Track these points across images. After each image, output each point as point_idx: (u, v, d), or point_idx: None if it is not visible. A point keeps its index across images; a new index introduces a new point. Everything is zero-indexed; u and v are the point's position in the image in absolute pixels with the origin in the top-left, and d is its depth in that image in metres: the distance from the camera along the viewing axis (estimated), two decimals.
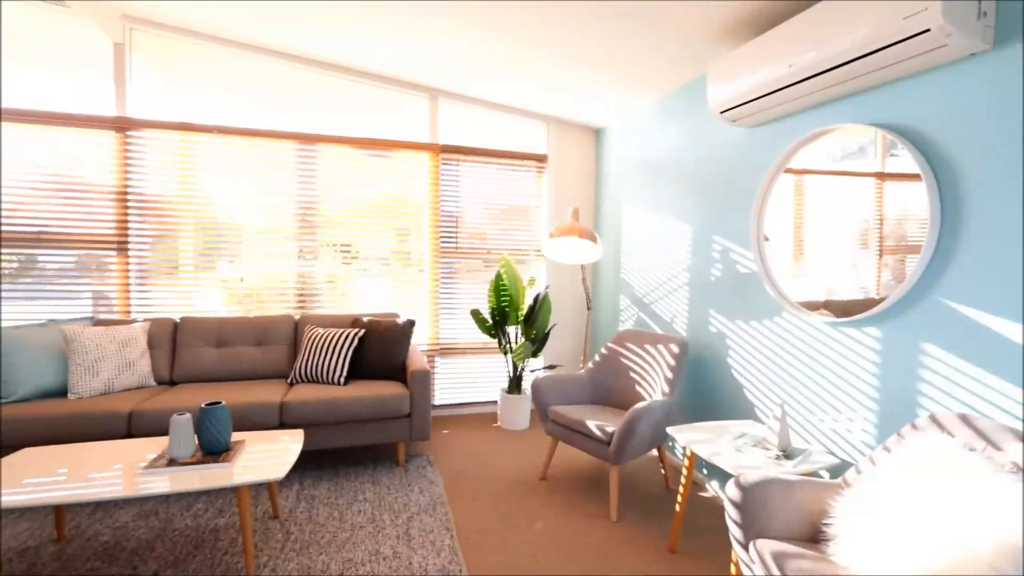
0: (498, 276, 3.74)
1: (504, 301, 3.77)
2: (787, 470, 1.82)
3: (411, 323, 3.30)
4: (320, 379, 3.08)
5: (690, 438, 2.16)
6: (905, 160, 1.82)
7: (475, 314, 3.78)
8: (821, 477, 2.01)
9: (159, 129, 3.38)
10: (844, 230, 2.05)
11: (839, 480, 1.65)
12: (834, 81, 1.93)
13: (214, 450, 2.06)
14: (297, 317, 3.51)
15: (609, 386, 3.04)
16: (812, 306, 2.19)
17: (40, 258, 3.31)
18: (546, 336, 3.82)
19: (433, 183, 3.94)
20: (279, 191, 3.65)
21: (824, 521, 1.54)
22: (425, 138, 3.94)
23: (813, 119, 2.22)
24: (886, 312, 1.91)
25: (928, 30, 1.55)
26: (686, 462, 2.18)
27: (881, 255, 1.91)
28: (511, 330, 4.24)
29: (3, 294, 3.22)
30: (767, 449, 2.00)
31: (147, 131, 3.37)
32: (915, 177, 1.78)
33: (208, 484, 1.83)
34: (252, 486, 2.70)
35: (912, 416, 1.82)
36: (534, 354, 3.82)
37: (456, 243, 4.05)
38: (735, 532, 1.56)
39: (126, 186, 3.36)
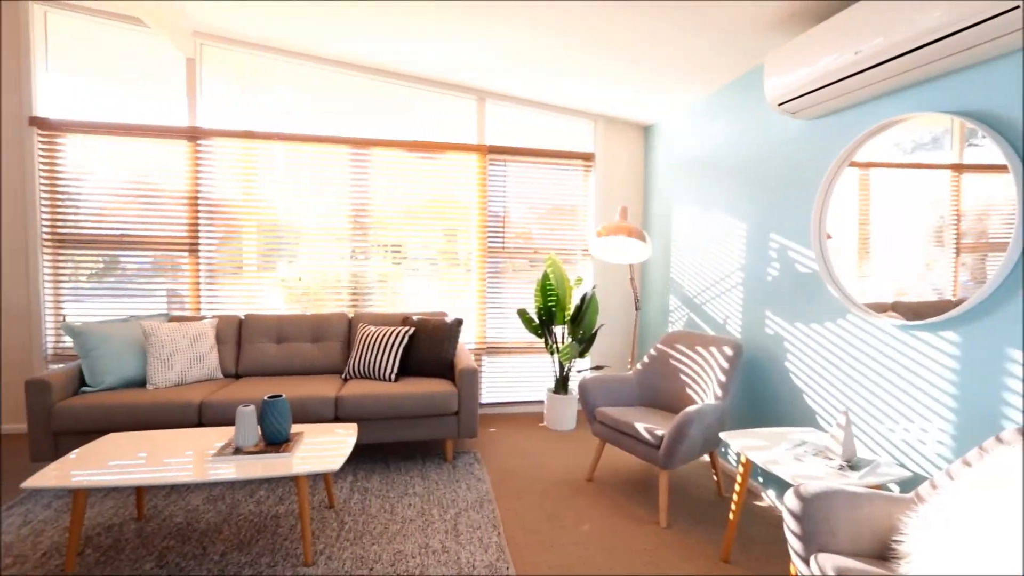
0: (545, 276, 3.74)
1: (551, 301, 3.76)
2: (852, 482, 1.72)
3: (459, 322, 3.35)
4: (372, 375, 3.18)
5: (745, 444, 2.08)
6: (987, 150, 1.67)
7: (522, 314, 3.79)
8: (890, 491, 1.89)
9: (225, 137, 3.60)
10: (915, 227, 1.91)
11: (911, 495, 1.54)
12: (905, 68, 1.81)
13: (275, 440, 2.17)
14: (351, 315, 3.64)
15: (658, 388, 2.98)
16: (879, 308, 2.06)
17: (122, 259, 3.60)
18: (593, 336, 3.79)
19: (480, 183, 3.98)
20: (334, 194, 3.80)
21: (894, 538, 1.44)
22: (473, 139, 3.99)
23: (881, 109, 2.08)
24: (966, 315, 1.77)
25: (1017, 7, 1.42)
26: (740, 469, 2.11)
27: (958, 253, 1.77)
28: (558, 330, 4.23)
29: (90, 292, 3.53)
30: (829, 459, 1.90)
31: (215, 139, 3.60)
32: (1000, 168, 1.64)
33: (270, 473, 1.94)
34: (310, 476, 2.83)
35: (995, 429, 1.68)
36: (581, 354, 3.79)
37: (503, 243, 4.08)
38: (794, 544, 1.49)
39: (197, 191, 3.60)
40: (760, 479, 2.76)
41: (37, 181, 3.41)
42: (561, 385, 3.81)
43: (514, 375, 4.18)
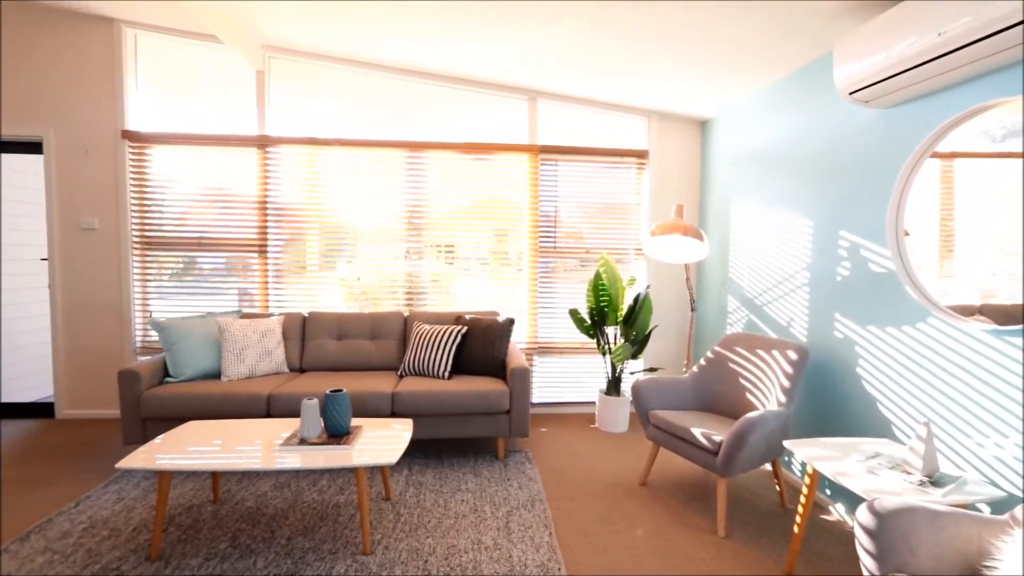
0: (597, 275, 3.70)
1: (603, 301, 3.72)
2: (934, 499, 1.59)
3: (511, 321, 3.38)
4: (426, 373, 3.26)
5: (811, 454, 1.97)
6: None
7: (573, 314, 3.77)
8: (979, 511, 1.73)
9: (290, 144, 3.80)
10: (1006, 221, 1.74)
11: (1005, 516, 1.41)
12: (996, 48, 1.65)
13: (337, 433, 2.27)
14: (406, 314, 3.75)
15: (716, 392, 2.88)
16: (965, 311, 1.89)
17: (199, 260, 3.88)
18: (647, 337, 3.71)
19: (532, 183, 3.99)
20: (390, 196, 3.93)
21: (985, 563, 1.32)
22: (524, 140, 4.00)
23: (967, 94, 1.91)
24: None
25: None
26: (807, 480, 2.00)
27: None
28: (610, 331, 4.17)
29: (172, 290, 3.84)
30: (908, 473, 1.77)
31: (281, 147, 3.81)
32: None
33: (332, 463, 2.03)
34: (368, 468, 2.94)
35: None
36: (634, 356, 3.72)
37: (554, 242, 4.07)
38: (867, 563, 1.39)
39: (266, 196, 3.82)
40: (828, 491, 2.60)
41: (128, 189, 3.74)
42: (613, 386, 3.76)
43: (565, 375, 4.16)
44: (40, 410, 3.89)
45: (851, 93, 2.20)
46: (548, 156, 4.01)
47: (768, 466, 3.11)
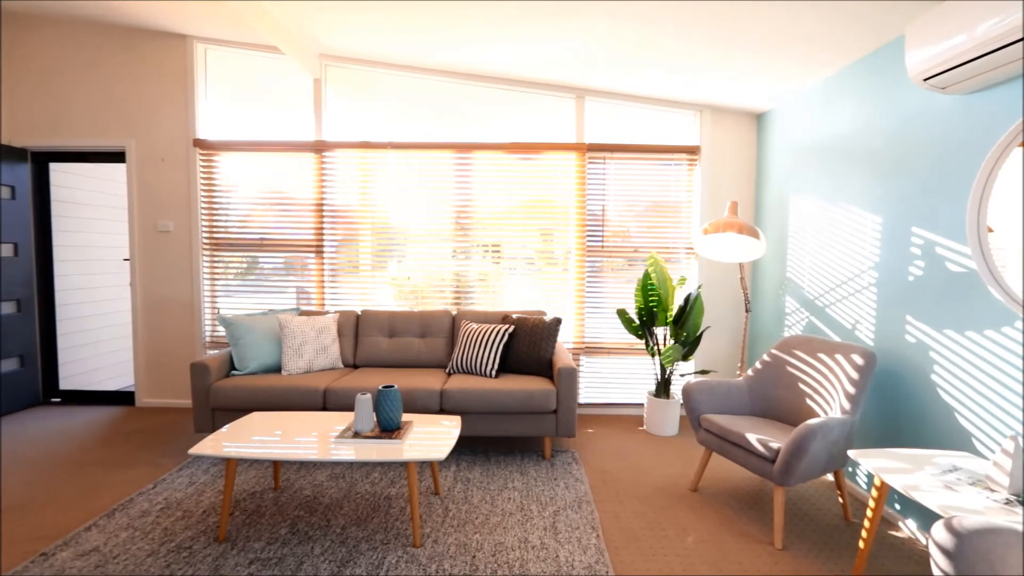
0: (646, 275, 3.62)
1: (652, 301, 3.64)
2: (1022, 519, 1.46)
3: (557, 321, 3.37)
4: (474, 371, 3.31)
5: (880, 465, 1.85)
6: None
7: (621, 314, 3.71)
8: None
9: (345, 148, 3.95)
10: None
11: None
12: None
13: (388, 427, 2.34)
14: (454, 312, 3.81)
15: (772, 397, 2.76)
16: None
17: (260, 260, 4.10)
18: (698, 339, 3.60)
19: (579, 182, 3.96)
20: (438, 197, 4.00)
21: None
22: (571, 138, 3.98)
23: None
24: None
25: None
26: (874, 493, 1.88)
27: None
28: (659, 331, 4.07)
29: (236, 288, 4.08)
30: (991, 490, 1.63)
31: (336, 151, 3.96)
32: None
33: (384, 457, 2.10)
34: (418, 463, 3.01)
35: None
36: (684, 357, 3.62)
37: (602, 241, 4.02)
38: None
39: (322, 199, 3.99)
40: (897, 506, 2.44)
41: (199, 194, 4.00)
42: (662, 389, 3.67)
43: (613, 376, 4.11)
44: (122, 398, 4.24)
45: (926, 79, 2.06)
46: (596, 154, 3.96)
47: (830, 477, 2.95)
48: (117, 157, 4.07)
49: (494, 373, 3.26)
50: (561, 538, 2.25)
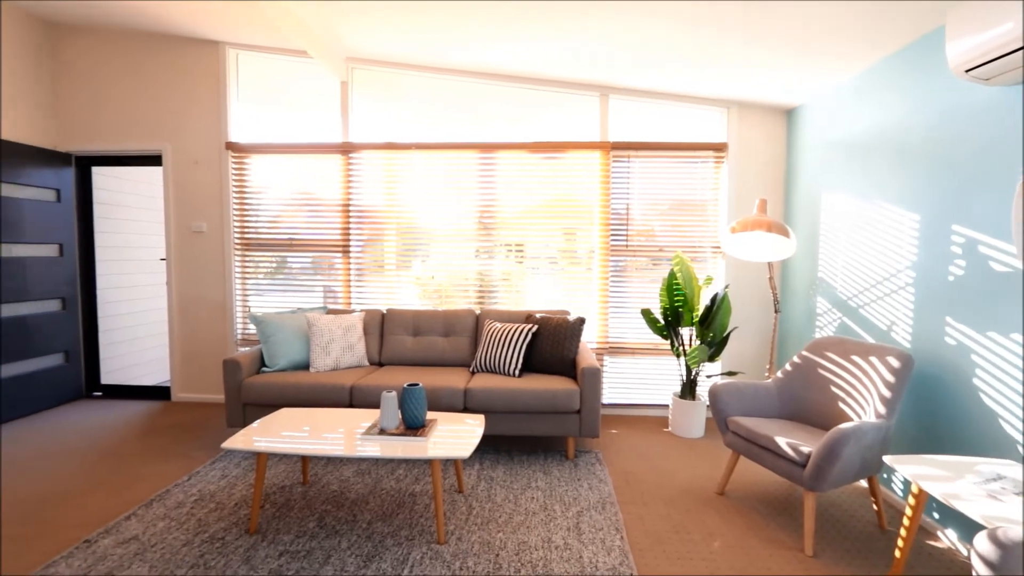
0: (671, 275, 3.57)
1: (677, 301, 3.59)
2: None
3: (581, 320, 3.35)
4: (497, 370, 3.32)
5: (918, 472, 1.79)
6: None
7: (646, 314, 3.67)
8: None
9: (371, 150, 4.01)
10: None
11: None
12: None
13: (413, 425, 2.37)
14: (478, 312, 3.83)
15: (802, 400, 2.69)
16: None
17: (289, 260, 4.20)
18: (725, 340, 3.53)
19: (603, 181, 3.93)
20: (462, 197, 4.03)
21: None
22: (595, 137, 3.95)
23: None
24: None
25: None
26: (911, 501, 1.82)
27: None
28: (684, 332, 4.01)
29: (266, 288, 4.19)
30: None
31: (362, 152, 4.03)
32: None
33: (409, 454, 2.12)
34: (443, 460, 3.04)
35: None
36: (711, 358, 3.56)
37: (626, 241, 3.99)
38: None
39: (349, 199, 4.06)
40: (936, 515, 2.35)
41: (230, 195, 4.12)
42: (688, 390, 3.62)
43: (637, 376, 4.06)
44: (159, 393, 4.39)
45: (968, 71, 1.97)
46: (620, 152, 3.93)
47: (863, 483, 2.86)
48: (154, 160, 4.23)
49: (517, 372, 3.26)
50: (585, 539, 2.24)
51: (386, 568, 2.01)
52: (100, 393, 4.45)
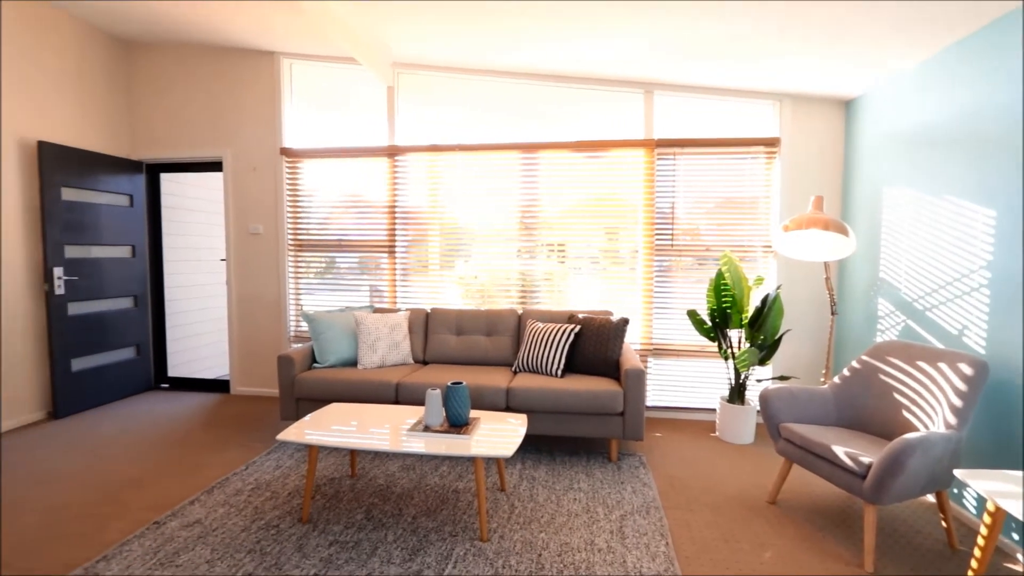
0: (719, 274, 3.47)
1: (726, 302, 3.47)
2: None
3: (625, 321, 3.30)
4: (539, 370, 3.32)
5: (995, 488, 1.66)
6: None
7: (692, 315, 3.57)
8: None
9: (415, 152, 4.09)
10: None
11: None
12: None
13: (457, 423, 2.41)
14: (520, 311, 3.84)
15: (862, 407, 2.54)
16: None
17: (338, 260, 4.35)
18: (776, 343, 3.39)
19: (647, 179, 3.86)
20: (504, 197, 4.05)
21: None
22: (639, 134, 3.88)
23: None
24: None
25: None
26: (986, 519, 1.69)
27: None
28: (733, 334, 3.88)
29: (317, 287, 4.36)
30: None
31: (407, 155, 4.12)
32: None
33: (452, 451, 2.16)
34: (485, 459, 3.07)
35: None
36: (761, 362, 3.43)
37: (671, 240, 3.90)
38: None
39: (394, 201, 4.17)
40: (1015, 535, 2.17)
41: (284, 198, 4.31)
42: (737, 394, 3.50)
43: (682, 379, 3.97)
44: (219, 386, 4.65)
45: None
46: (665, 150, 3.84)
47: (931, 497, 2.68)
48: (215, 166, 4.48)
49: (560, 373, 3.25)
50: (628, 543, 2.20)
51: (430, 562, 2.05)
52: (167, 385, 4.76)
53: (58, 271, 3.77)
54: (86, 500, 2.58)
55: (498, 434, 2.36)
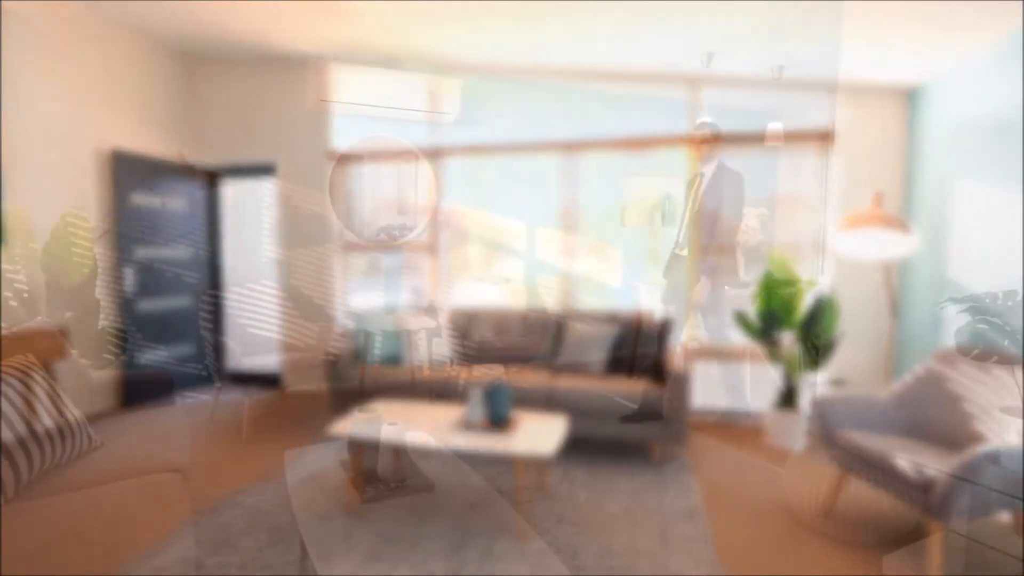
0: (768, 274, 3.34)
1: (775, 303, 3.34)
2: None
3: (668, 321, 3.23)
4: (580, 370, 3.30)
5: None
6: None
7: (739, 316, 3.46)
8: None
9: (457, 153, 4.15)
10: None
11: None
12: None
13: (497, 421, 2.43)
14: (560, 311, 3.82)
15: (927, 416, 2.39)
16: None
17: (381, 259, 4.48)
18: (830, 346, 3.23)
19: (693, 176, 3.76)
20: (545, 196, 4.05)
21: None
22: (684, 131, 3.79)
23: None
24: None
25: None
26: None
27: None
28: (783, 336, 3.72)
29: (363, 287, 4.51)
30: None
31: (449, 156, 4.19)
32: None
33: (493, 449, 2.18)
34: (525, 458, 3.08)
35: None
36: (813, 366, 3.28)
37: (716, 238, 3.78)
38: None
39: (437, 201, 4.25)
40: None
41: (333, 200, 4.46)
42: (786, 399, 3.36)
43: (728, 382, 3.84)
44: (273, 381, 4.86)
45: None
46: (710, 145, 3.73)
47: (1006, 516, 2.49)
48: (269, 171, 4.69)
49: (601, 373, 3.22)
50: (671, 549, 2.16)
51: (471, 558, 2.08)
52: (224, 381, 5.01)
53: (128, 271, 4.05)
54: (154, 484, 2.75)
55: (538, 434, 2.36)
